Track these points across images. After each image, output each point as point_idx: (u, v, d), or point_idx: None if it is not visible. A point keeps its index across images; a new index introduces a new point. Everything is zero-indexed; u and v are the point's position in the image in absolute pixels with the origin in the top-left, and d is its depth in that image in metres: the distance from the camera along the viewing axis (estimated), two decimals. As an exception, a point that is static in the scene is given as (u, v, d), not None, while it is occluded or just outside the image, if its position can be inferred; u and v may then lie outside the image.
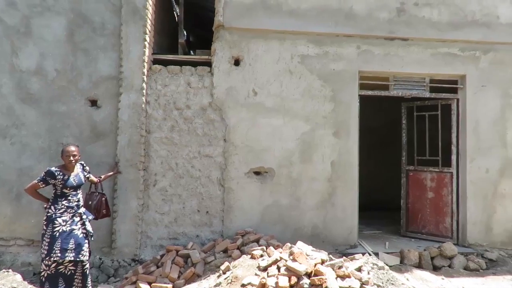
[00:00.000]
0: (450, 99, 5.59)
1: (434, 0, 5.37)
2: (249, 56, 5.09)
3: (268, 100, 5.09)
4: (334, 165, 5.17)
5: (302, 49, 5.16)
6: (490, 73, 5.47)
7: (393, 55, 5.32)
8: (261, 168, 5.07)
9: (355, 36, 5.24)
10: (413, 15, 5.32)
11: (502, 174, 5.45)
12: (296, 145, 5.11)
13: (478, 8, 5.43)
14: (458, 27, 5.40)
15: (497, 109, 5.46)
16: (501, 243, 5.41)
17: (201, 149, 4.98)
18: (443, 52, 5.41)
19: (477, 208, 5.40)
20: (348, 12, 5.22)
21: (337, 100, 5.20)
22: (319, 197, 5.14)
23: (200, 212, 4.98)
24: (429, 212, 5.76)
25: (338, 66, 5.21)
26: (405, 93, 5.51)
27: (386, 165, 8.21)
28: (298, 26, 5.11)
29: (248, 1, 5.06)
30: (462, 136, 5.48)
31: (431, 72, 5.42)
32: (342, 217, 5.19)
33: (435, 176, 5.72)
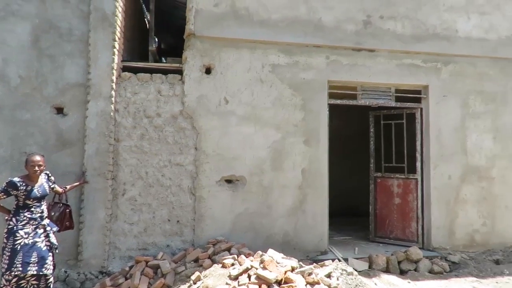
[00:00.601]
0: (414, 108, 5.82)
1: (398, 14, 5.61)
2: (221, 65, 5.12)
3: (239, 108, 5.12)
4: (305, 173, 5.26)
5: (273, 58, 5.24)
6: (451, 83, 5.75)
7: (361, 66, 5.50)
8: (232, 176, 5.07)
9: (324, 46, 5.38)
10: (378, 28, 5.54)
11: (463, 180, 5.71)
12: (267, 153, 5.16)
13: (439, 22, 5.71)
14: (420, 39, 5.66)
15: (457, 118, 5.74)
16: (463, 246, 5.65)
17: (171, 158, 4.93)
18: (407, 63, 5.65)
19: (441, 213, 5.62)
20: (317, 23, 5.36)
21: (307, 109, 5.30)
22: (290, 205, 5.20)
23: (171, 221, 4.92)
24: (396, 217, 5.94)
25: (308, 75, 5.32)
26: (372, 102, 5.70)
27: (356, 172, 8.41)
28: (269, 36, 5.20)
29: (219, 11, 5.10)
30: (426, 144, 5.71)
31: (396, 82, 5.64)
32: (313, 224, 5.26)
33: (401, 182, 5.92)
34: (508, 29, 5.94)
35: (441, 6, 5.74)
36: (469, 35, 5.80)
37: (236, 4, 5.15)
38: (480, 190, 5.75)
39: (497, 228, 5.80)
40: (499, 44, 5.89)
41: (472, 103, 5.79)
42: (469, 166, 5.74)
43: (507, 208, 5.83)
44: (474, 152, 5.76)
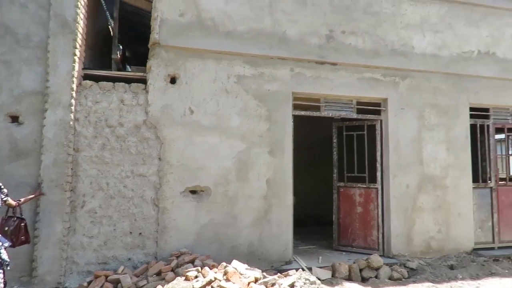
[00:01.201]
0: (374, 120, 6.05)
1: (359, 30, 5.85)
2: (186, 75, 5.10)
3: (204, 118, 5.11)
4: (270, 183, 5.30)
5: (239, 69, 5.29)
6: (408, 97, 6.04)
7: (324, 78, 5.67)
8: (197, 186, 5.03)
9: (289, 59, 5.51)
10: (340, 42, 5.74)
11: (420, 189, 5.98)
12: (233, 164, 5.17)
13: (396, 39, 6.01)
14: (380, 54, 5.92)
15: (414, 129, 6.02)
16: (420, 253, 5.89)
17: (134, 168, 4.82)
18: (367, 77, 5.88)
19: (399, 221, 5.84)
20: (282, 36, 5.48)
21: (272, 120, 5.38)
22: (255, 215, 5.22)
23: (133, 233, 4.79)
24: (358, 226, 6.11)
25: (273, 87, 5.41)
26: (335, 113, 5.87)
27: (321, 182, 8.57)
28: (234, 47, 5.25)
29: (184, 21, 5.10)
30: (386, 154, 5.94)
31: (358, 95, 5.85)
32: (278, 233, 5.30)
33: (363, 192, 6.11)
34: (459, 47, 6.34)
35: (399, 24, 6.05)
36: (424, 52, 6.14)
37: (201, 15, 5.17)
38: (435, 199, 6.04)
39: (451, 235, 6.10)
40: (451, 60, 6.27)
41: (427, 116, 6.10)
42: (425, 176, 6.03)
43: (460, 215, 6.15)
44: (429, 162, 6.05)
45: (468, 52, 6.40)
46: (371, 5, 5.94)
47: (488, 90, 6.47)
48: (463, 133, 6.28)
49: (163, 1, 5.06)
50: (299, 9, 5.58)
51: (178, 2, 5.10)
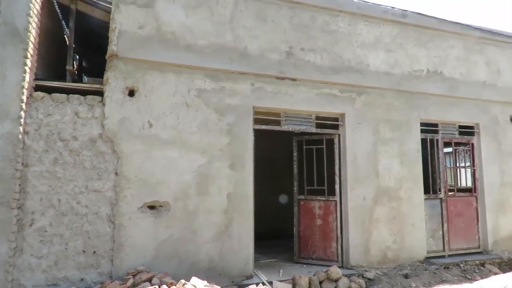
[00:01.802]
0: (333, 134, 6.24)
1: (318, 47, 6.05)
2: (145, 88, 5.01)
3: (164, 132, 5.03)
4: (231, 197, 5.28)
5: (199, 83, 5.28)
6: (364, 112, 6.29)
7: (284, 93, 5.79)
8: (155, 202, 4.91)
9: (249, 74, 5.58)
10: (300, 59, 5.90)
11: (376, 201, 6.20)
12: (193, 178, 5.11)
13: (353, 57, 6.28)
14: (337, 71, 6.15)
15: (370, 143, 6.27)
16: (377, 263, 6.07)
17: (89, 184, 4.63)
18: (326, 92, 6.07)
19: (357, 233, 6.01)
20: (243, 51, 5.55)
21: (233, 134, 5.39)
22: (215, 229, 5.16)
23: (86, 252, 4.56)
24: (318, 238, 6.20)
25: (234, 101, 5.44)
26: (295, 128, 5.99)
27: (283, 195, 8.67)
28: (195, 61, 5.25)
29: (144, 33, 5.04)
30: (344, 168, 6.12)
31: (317, 109, 6.02)
32: (239, 248, 5.26)
33: (322, 204, 6.23)
34: (410, 65, 6.72)
35: (354, 42, 6.33)
36: (378, 70, 6.45)
37: (162, 28, 5.14)
38: (391, 210, 6.28)
39: (405, 244, 6.35)
40: (403, 78, 6.63)
41: (382, 131, 6.38)
42: (381, 188, 6.26)
43: (413, 225, 6.43)
44: (384, 174, 6.31)
45: (418, 71, 6.80)
46: (329, 24, 6.18)
47: (437, 106, 6.89)
48: (415, 147, 6.62)
49: (122, 12, 4.98)
50: (259, 25, 5.69)
51: (138, 14, 5.04)
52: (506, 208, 7.29)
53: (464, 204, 7.11)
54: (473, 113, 7.23)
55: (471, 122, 7.25)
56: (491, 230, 7.07)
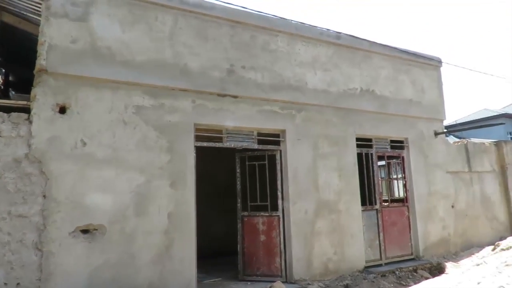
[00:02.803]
0: (274, 150, 6.36)
1: (258, 65, 6.19)
2: (78, 104, 4.76)
3: (99, 151, 4.78)
4: (171, 217, 5.13)
5: (137, 99, 5.13)
6: (304, 128, 6.51)
7: (226, 110, 5.81)
8: (89, 225, 4.62)
9: (190, 90, 5.54)
10: (241, 76, 5.99)
11: (317, 214, 6.38)
12: (131, 198, 4.89)
13: (292, 75, 6.51)
14: (278, 89, 6.32)
15: (310, 159, 6.47)
16: (319, 275, 6.20)
17: (12, 209, 4.24)
18: (267, 109, 6.20)
19: (300, 246, 6.12)
20: (183, 68, 5.51)
21: (173, 151, 5.28)
22: (155, 251, 4.96)
23: (8, 285, 4.14)
24: (262, 254, 6.22)
25: (174, 118, 5.35)
26: (237, 144, 6.02)
27: (227, 212, 8.60)
28: (133, 77, 5.10)
29: (77, 47, 4.81)
30: (285, 183, 6.24)
31: (258, 126, 6.12)
32: (180, 269, 5.10)
33: (265, 220, 6.28)
34: (345, 83, 7.12)
35: (293, 61, 6.58)
36: (316, 87, 6.74)
37: (97, 43, 4.94)
38: (331, 222, 6.49)
39: (346, 256, 6.58)
40: (339, 96, 6.99)
41: (321, 146, 6.63)
42: (321, 201, 6.47)
43: (352, 236, 6.70)
44: (324, 188, 6.53)
45: (353, 89, 7.21)
46: (269, 43, 6.37)
47: (370, 122, 7.34)
48: (352, 161, 6.96)
49: (53, 26, 4.72)
50: (200, 43, 5.71)
51: (70, 28, 4.81)
52: (433, 216, 7.88)
53: (397, 213, 7.58)
54: (402, 128, 7.80)
55: (401, 137, 7.80)
56: (422, 237, 7.59)
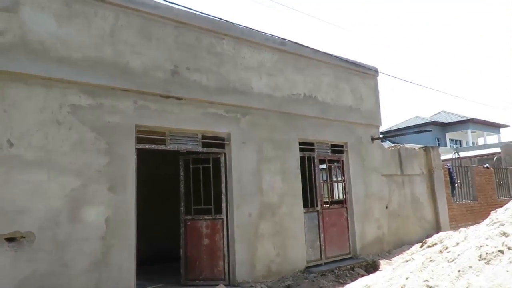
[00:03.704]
0: (219, 153, 6.35)
1: (203, 68, 6.15)
2: (4, 102, 4.39)
3: (28, 152, 4.44)
4: (109, 222, 4.90)
5: (74, 99, 4.85)
6: (249, 132, 6.58)
7: (169, 112, 5.69)
8: (16, 233, 4.26)
9: (132, 91, 5.35)
10: (185, 78, 5.91)
11: (261, 217, 6.47)
12: (64, 203, 4.60)
13: (237, 79, 6.55)
14: (223, 92, 6.32)
15: (254, 162, 6.55)
16: (262, 277, 6.28)
17: None
18: (212, 112, 6.18)
19: (243, 249, 6.15)
20: (124, 67, 5.32)
21: (113, 154, 5.06)
22: (91, 259, 4.70)
23: None
24: (205, 258, 6.16)
25: (114, 119, 5.14)
26: (181, 147, 5.93)
27: (171, 216, 8.39)
28: (69, 74, 4.81)
29: (4, 40, 4.44)
30: (230, 186, 6.25)
31: (203, 129, 6.07)
32: (118, 277, 4.89)
33: (209, 223, 6.23)
34: (289, 89, 7.31)
35: (239, 65, 6.63)
36: (261, 92, 6.85)
37: (27, 36, 4.60)
38: (274, 225, 6.61)
39: (288, 257, 6.73)
40: (283, 101, 7.16)
41: (265, 149, 6.75)
42: (265, 204, 6.57)
43: (294, 238, 6.88)
44: (268, 191, 6.64)
45: (297, 95, 7.43)
46: (214, 46, 6.36)
47: (313, 127, 7.61)
48: (295, 165, 7.16)
49: (-24, 15, 4.31)
50: (143, 42, 5.54)
51: (-3, 18, 4.43)
52: (369, 217, 8.35)
53: (337, 215, 7.92)
54: (342, 133, 8.19)
55: (340, 142, 8.18)
56: (359, 237, 8.00)
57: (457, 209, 11.01)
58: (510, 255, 3.72)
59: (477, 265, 3.85)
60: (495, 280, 3.52)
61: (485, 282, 3.57)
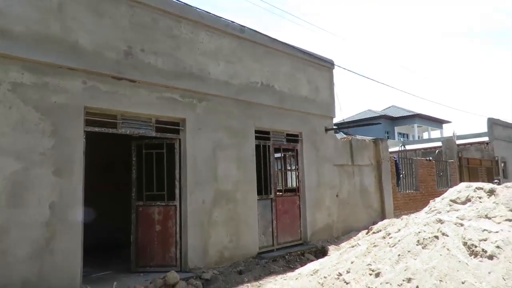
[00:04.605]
0: (173, 139, 6.23)
1: (159, 50, 5.96)
2: None
3: (-38, 132, 4.09)
4: (54, 207, 4.67)
5: (15, 75, 4.52)
6: (205, 118, 6.51)
7: (122, 95, 5.48)
8: None
9: (81, 70, 5.08)
10: (140, 60, 5.70)
11: (215, 204, 6.47)
12: (3, 187, 4.31)
13: (195, 63, 6.43)
14: (179, 76, 6.18)
15: (210, 149, 6.51)
16: (215, 263, 6.32)
17: None
18: (167, 96, 6.03)
19: (196, 236, 6.14)
20: (74, 45, 5.02)
21: (59, 136, 4.80)
22: (34, 246, 4.47)
23: None
24: (157, 244, 6.07)
25: (60, 99, 4.86)
26: (133, 131, 5.74)
27: (123, 202, 8.16)
28: (9, 49, 4.46)
29: None
30: (184, 172, 6.18)
31: (157, 113, 5.92)
32: (63, 264, 4.69)
33: (162, 209, 6.13)
34: (247, 77, 7.31)
35: (196, 50, 6.50)
36: (218, 78, 6.79)
37: (-39, 5, 4.19)
38: (228, 211, 6.65)
39: (241, 243, 6.82)
40: (240, 89, 7.15)
41: (221, 137, 6.72)
42: (219, 191, 6.57)
43: (248, 225, 6.97)
44: (223, 178, 6.65)
45: (254, 83, 7.45)
46: (171, 28, 6.18)
47: (269, 116, 7.68)
48: (250, 153, 7.21)
49: None
50: (94, 19, 5.25)
51: None
52: (321, 205, 8.65)
53: (290, 202, 8.12)
54: (298, 123, 8.35)
55: (296, 131, 8.35)
56: (310, 224, 8.28)
57: (401, 198, 11.72)
58: (443, 240, 4.05)
59: (415, 249, 4.15)
60: (430, 263, 3.82)
61: (421, 265, 3.87)
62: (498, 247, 3.54)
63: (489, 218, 4.19)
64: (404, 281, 3.73)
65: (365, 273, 4.20)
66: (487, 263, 3.47)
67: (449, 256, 3.75)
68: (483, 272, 3.40)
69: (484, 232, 3.83)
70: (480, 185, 5.00)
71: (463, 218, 4.32)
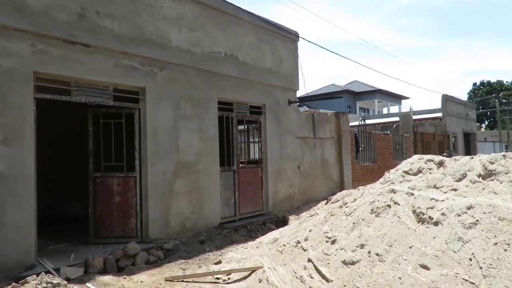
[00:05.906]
0: (133, 109, 6.02)
1: (116, 14, 5.62)
2: None
3: None
4: (4, 179, 4.43)
5: (-48, 35, 4.11)
6: (165, 88, 6.31)
7: (75, 60, 5.16)
8: None
9: (29, 32, 4.70)
10: (95, 23, 5.36)
11: (176, 175, 6.41)
12: None
13: (154, 29, 6.15)
14: (138, 43, 5.90)
15: (171, 119, 6.37)
16: (176, 234, 6.34)
17: None
18: (125, 64, 5.76)
19: (157, 207, 6.09)
20: (20, 4, 4.61)
21: (5, 103, 4.48)
22: (-19, 219, 4.25)
23: None
24: (117, 216, 5.97)
25: (6, 62, 4.50)
26: (89, 100, 5.47)
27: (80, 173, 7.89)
28: None
29: None
30: (144, 143, 6.03)
31: (115, 81, 5.66)
32: (16, 237, 4.51)
33: (121, 181, 6.00)
34: (210, 46, 7.11)
35: (157, 15, 6.20)
36: (180, 46, 6.55)
37: None
38: (189, 183, 6.62)
39: (203, 214, 6.86)
40: (203, 58, 6.96)
41: (183, 107, 6.58)
42: (181, 162, 6.50)
43: (210, 196, 7.00)
44: (184, 149, 6.57)
45: (217, 53, 7.27)
46: (129, -10, 5.83)
47: (232, 87, 7.59)
48: (213, 124, 7.14)
49: None
50: (42, -24, 4.83)
51: None
52: (282, 176, 8.82)
53: (252, 174, 8.21)
54: (261, 95, 8.33)
55: (259, 103, 8.33)
56: (271, 195, 8.45)
57: (359, 170, 12.20)
58: (395, 209, 4.28)
59: (369, 217, 4.36)
60: (382, 230, 4.04)
61: (374, 232, 4.08)
62: (443, 214, 3.79)
63: (437, 188, 4.46)
64: (357, 247, 3.93)
65: (322, 241, 4.39)
66: (433, 229, 3.72)
67: (399, 223, 3.98)
68: (429, 237, 3.65)
69: (431, 200, 4.08)
70: (430, 157, 5.28)
71: (414, 188, 4.57)
